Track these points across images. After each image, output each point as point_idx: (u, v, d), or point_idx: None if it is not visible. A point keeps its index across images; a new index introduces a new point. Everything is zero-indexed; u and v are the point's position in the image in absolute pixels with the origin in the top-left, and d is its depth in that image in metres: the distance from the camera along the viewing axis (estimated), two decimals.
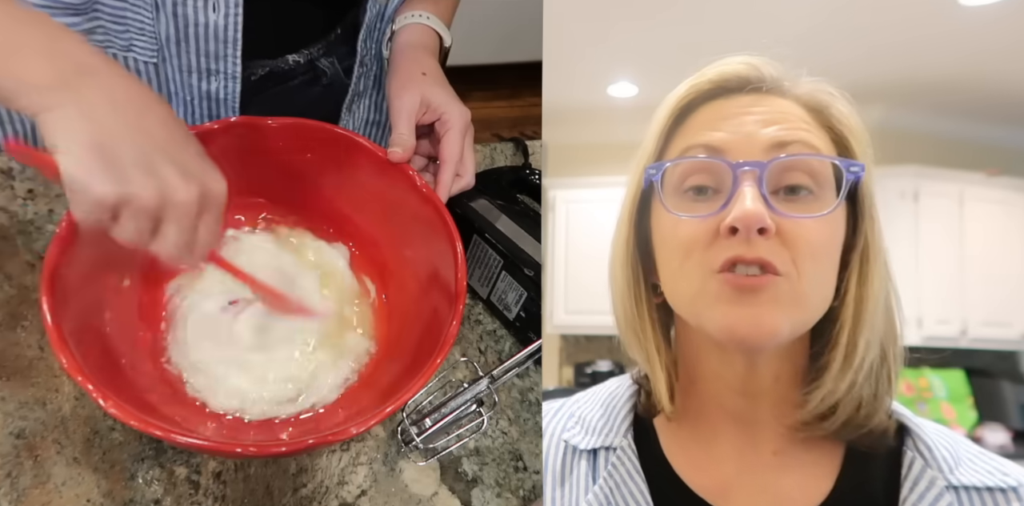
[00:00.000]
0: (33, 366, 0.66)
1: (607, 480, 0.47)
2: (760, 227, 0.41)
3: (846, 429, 0.45)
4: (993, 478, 0.45)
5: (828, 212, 0.43)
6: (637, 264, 0.48)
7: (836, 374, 0.44)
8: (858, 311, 0.44)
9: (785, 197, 0.43)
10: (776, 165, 0.43)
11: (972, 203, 2.21)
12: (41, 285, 0.55)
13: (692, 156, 0.45)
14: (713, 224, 0.43)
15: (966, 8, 1.61)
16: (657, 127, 0.47)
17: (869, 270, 0.45)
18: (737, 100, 0.46)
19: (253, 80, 0.80)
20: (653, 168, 0.46)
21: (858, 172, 0.44)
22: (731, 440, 0.48)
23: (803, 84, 0.47)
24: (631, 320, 0.49)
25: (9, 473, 0.61)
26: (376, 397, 0.64)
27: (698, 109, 0.46)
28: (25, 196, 0.75)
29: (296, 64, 0.83)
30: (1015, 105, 2.04)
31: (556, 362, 2.46)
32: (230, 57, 0.73)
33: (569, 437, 0.50)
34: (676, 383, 0.48)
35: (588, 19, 1.66)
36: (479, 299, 0.81)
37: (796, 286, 0.42)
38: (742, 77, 0.46)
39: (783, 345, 0.44)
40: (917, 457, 0.46)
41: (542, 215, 0.80)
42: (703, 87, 0.46)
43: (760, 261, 0.41)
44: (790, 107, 0.46)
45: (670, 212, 0.44)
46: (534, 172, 0.87)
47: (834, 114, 0.46)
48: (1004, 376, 2.24)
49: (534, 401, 0.76)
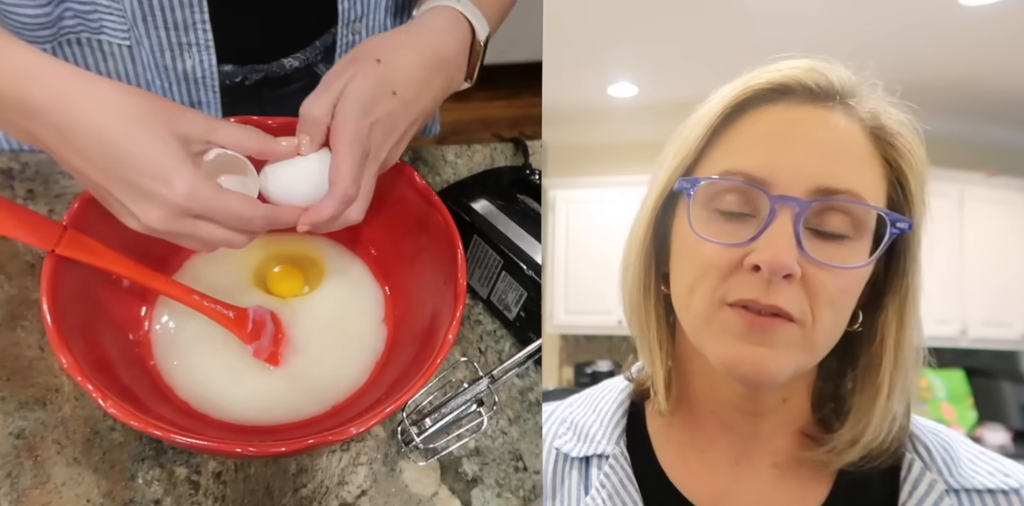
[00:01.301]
0: (33, 366, 0.66)
1: (599, 490, 0.46)
2: (786, 273, 0.39)
3: (865, 458, 0.44)
4: (994, 480, 0.44)
5: (861, 266, 0.41)
6: (651, 255, 0.46)
7: (877, 424, 0.43)
8: (898, 358, 0.43)
9: (822, 238, 0.40)
10: (816, 206, 0.40)
11: (972, 203, 2.21)
12: (41, 285, 0.55)
13: (730, 179, 0.41)
14: (738, 255, 0.40)
15: (966, 8, 1.61)
16: (702, 126, 0.43)
17: (909, 313, 0.43)
18: (794, 111, 0.42)
19: (247, 85, 0.79)
20: (688, 182, 0.42)
21: (904, 228, 0.41)
22: (728, 449, 0.46)
23: (871, 100, 0.42)
24: (637, 310, 0.47)
25: (9, 473, 0.61)
26: (376, 397, 0.64)
27: (750, 112, 0.42)
28: (25, 196, 0.75)
29: (293, 69, 0.82)
30: (1015, 105, 2.04)
31: (556, 362, 2.46)
32: (199, 24, 0.69)
33: (560, 444, 0.49)
34: (674, 378, 0.47)
35: (588, 19, 1.66)
36: (479, 299, 0.81)
37: (809, 333, 0.40)
38: (809, 86, 0.42)
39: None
40: (916, 459, 0.45)
41: (542, 215, 0.80)
42: (760, 88, 0.42)
43: (775, 309, 0.40)
44: (851, 132, 0.41)
45: (695, 233, 0.42)
46: (534, 172, 0.87)
47: (898, 147, 0.42)
48: (1004, 376, 2.24)
49: (534, 401, 0.76)
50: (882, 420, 0.43)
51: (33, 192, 0.76)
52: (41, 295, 0.55)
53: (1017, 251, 2.20)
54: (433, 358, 0.59)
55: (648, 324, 0.47)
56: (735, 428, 0.46)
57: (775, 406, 0.45)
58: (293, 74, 0.82)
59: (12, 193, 0.75)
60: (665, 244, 0.46)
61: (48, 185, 0.76)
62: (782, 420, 0.45)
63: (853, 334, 0.44)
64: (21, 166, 0.77)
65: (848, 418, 0.44)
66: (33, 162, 0.77)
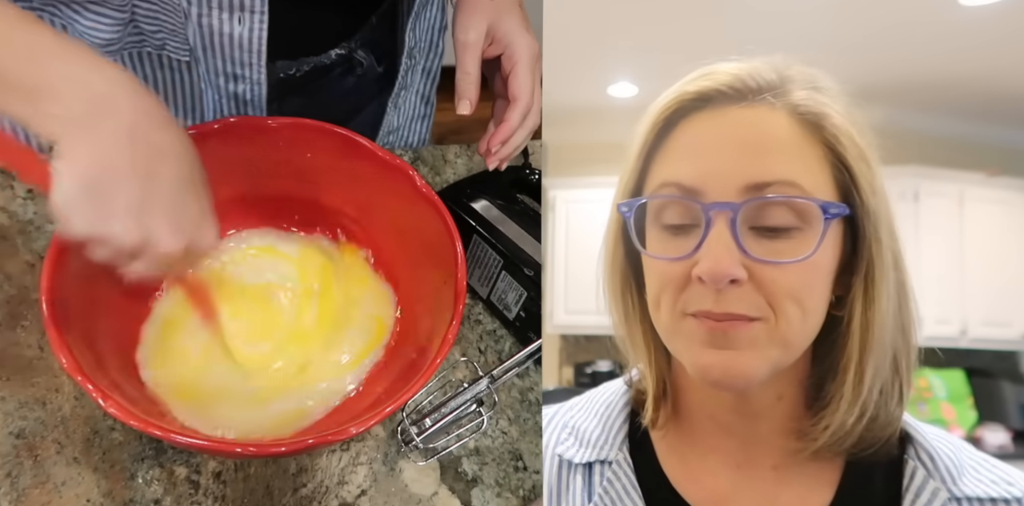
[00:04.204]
0: (33, 366, 0.66)
1: (603, 497, 0.46)
2: (730, 279, 0.39)
3: (855, 449, 0.44)
4: (998, 488, 0.44)
5: (806, 257, 0.40)
6: (628, 274, 0.47)
7: (846, 408, 0.42)
8: (864, 339, 0.42)
9: (767, 234, 0.40)
10: (751, 206, 0.40)
11: (972, 203, 2.21)
12: (41, 285, 0.55)
13: (665, 195, 0.42)
14: (686, 267, 0.41)
15: (966, 8, 1.61)
16: (637, 145, 0.45)
17: (875, 293, 0.42)
18: (722, 115, 0.42)
19: (298, 76, 0.80)
20: (625, 206, 0.43)
21: (838, 213, 0.40)
22: (729, 454, 0.46)
23: (797, 91, 0.42)
24: (622, 327, 0.48)
25: (9, 473, 0.61)
26: (376, 397, 0.64)
27: (680, 124, 0.43)
28: (25, 196, 0.75)
29: (339, 57, 0.83)
30: (1015, 105, 2.04)
31: (556, 362, 2.46)
32: (255, 65, 0.73)
33: (563, 451, 0.49)
34: (669, 388, 0.47)
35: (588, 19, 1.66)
36: (479, 299, 0.81)
37: (775, 328, 0.40)
38: (726, 91, 0.42)
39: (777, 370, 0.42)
40: (919, 467, 0.44)
41: (542, 215, 0.80)
42: (686, 99, 0.43)
43: (729, 316, 0.40)
44: (780, 126, 0.41)
45: (642, 252, 0.43)
46: (534, 172, 0.87)
47: (828, 129, 0.42)
48: (1004, 376, 2.23)
49: (534, 401, 0.76)
50: (851, 403, 0.42)
51: (33, 192, 0.76)
52: (41, 295, 0.55)
53: (1017, 251, 2.19)
54: (433, 358, 0.59)
55: (635, 341, 0.47)
56: (734, 432, 0.46)
57: (770, 405, 0.45)
58: (336, 62, 0.83)
59: (12, 193, 0.75)
60: (640, 263, 0.46)
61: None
62: (779, 419, 0.45)
63: (836, 320, 0.43)
64: None
65: (821, 404, 0.44)
66: None
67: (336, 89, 0.84)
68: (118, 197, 0.49)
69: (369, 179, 0.71)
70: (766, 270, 0.40)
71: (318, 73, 0.82)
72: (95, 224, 0.50)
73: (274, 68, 0.76)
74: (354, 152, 0.70)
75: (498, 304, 0.78)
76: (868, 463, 0.45)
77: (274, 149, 0.70)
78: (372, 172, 0.71)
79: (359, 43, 0.83)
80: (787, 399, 0.45)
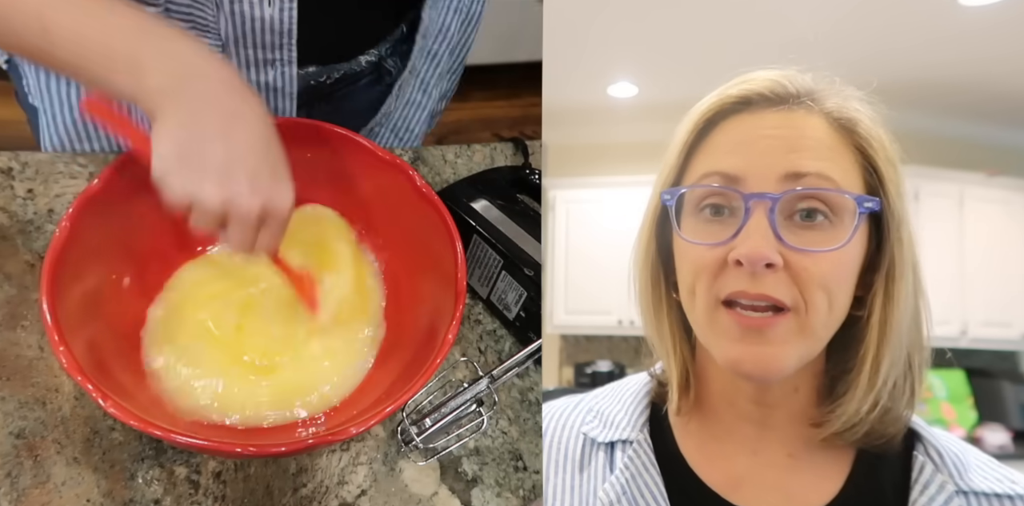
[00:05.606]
0: (33, 366, 0.66)
1: (623, 471, 0.48)
2: (766, 263, 0.41)
3: (866, 439, 0.46)
4: (1003, 485, 0.46)
5: (838, 247, 0.42)
6: (658, 266, 0.49)
7: (860, 397, 0.44)
8: (883, 333, 0.44)
9: (801, 223, 0.43)
10: (789, 197, 0.42)
11: (972, 203, 2.22)
12: (41, 285, 0.55)
13: (707, 184, 0.44)
14: (722, 253, 0.43)
15: (966, 8, 1.61)
16: (679, 141, 0.47)
17: (895, 291, 0.44)
18: (761, 117, 0.45)
19: (328, 83, 0.81)
20: (668, 193, 0.46)
21: (872, 207, 0.43)
22: (745, 440, 0.48)
23: (831, 98, 0.45)
24: (650, 318, 0.50)
25: (9, 473, 0.61)
26: (376, 397, 0.64)
27: (720, 124, 0.46)
28: (25, 196, 0.75)
29: (369, 65, 0.84)
30: (1015, 105, 2.04)
31: (556, 362, 2.46)
32: (286, 46, 0.74)
33: (588, 430, 0.52)
34: (692, 378, 0.49)
35: (588, 19, 1.66)
36: (479, 299, 0.81)
37: (804, 320, 0.42)
38: (767, 95, 0.45)
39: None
40: (928, 462, 0.46)
41: (542, 215, 0.80)
42: (727, 102, 0.46)
43: (764, 298, 0.42)
44: (815, 128, 0.44)
45: (683, 238, 0.45)
46: (534, 172, 0.87)
47: (861, 134, 0.45)
48: (1004, 376, 2.24)
49: (534, 401, 0.76)
50: (865, 392, 0.44)
51: (33, 192, 0.76)
52: (41, 295, 0.55)
53: (1017, 251, 2.20)
54: (433, 358, 0.59)
55: (662, 332, 0.50)
56: (752, 419, 0.48)
57: (786, 396, 0.47)
58: (366, 69, 0.85)
59: (12, 193, 0.75)
60: (671, 255, 0.48)
61: (48, 185, 0.76)
62: (793, 409, 0.47)
63: (852, 319, 0.45)
64: (21, 166, 0.77)
65: (836, 394, 0.46)
66: (33, 162, 0.77)
67: (363, 98, 0.84)
68: (206, 158, 0.54)
69: (368, 179, 0.71)
70: (799, 258, 0.42)
71: (348, 80, 0.83)
72: (188, 186, 0.54)
73: (305, 76, 0.77)
74: (353, 152, 0.71)
75: (498, 304, 0.78)
76: (878, 456, 0.47)
77: None
78: (371, 172, 0.71)
79: (388, 51, 0.85)
80: (803, 391, 0.47)
